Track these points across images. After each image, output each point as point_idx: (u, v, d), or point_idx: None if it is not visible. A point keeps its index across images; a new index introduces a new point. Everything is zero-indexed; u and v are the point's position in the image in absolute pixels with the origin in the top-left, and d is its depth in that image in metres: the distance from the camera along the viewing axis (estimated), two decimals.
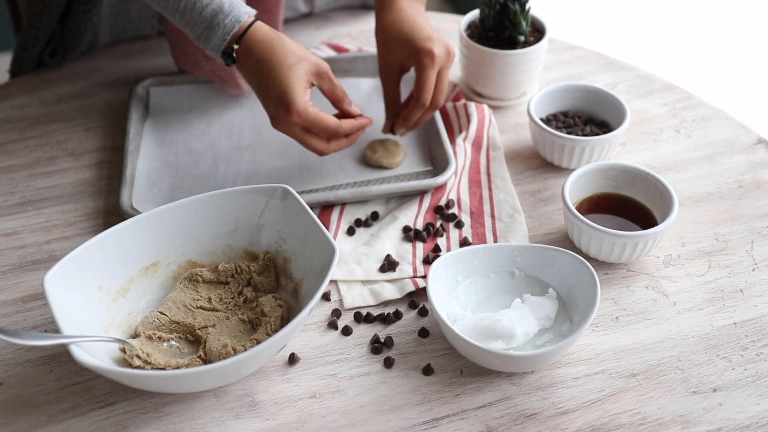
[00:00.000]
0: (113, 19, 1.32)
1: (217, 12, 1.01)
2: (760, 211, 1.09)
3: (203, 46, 1.03)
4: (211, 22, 1.01)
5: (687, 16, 2.75)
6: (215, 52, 1.02)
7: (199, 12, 1.01)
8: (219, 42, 1.01)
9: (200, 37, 1.02)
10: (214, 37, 1.01)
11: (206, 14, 1.01)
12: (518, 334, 0.89)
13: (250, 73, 1.02)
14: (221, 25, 1.00)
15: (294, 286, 0.96)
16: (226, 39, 1.01)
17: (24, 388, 0.90)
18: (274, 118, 1.03)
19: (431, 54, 1.06)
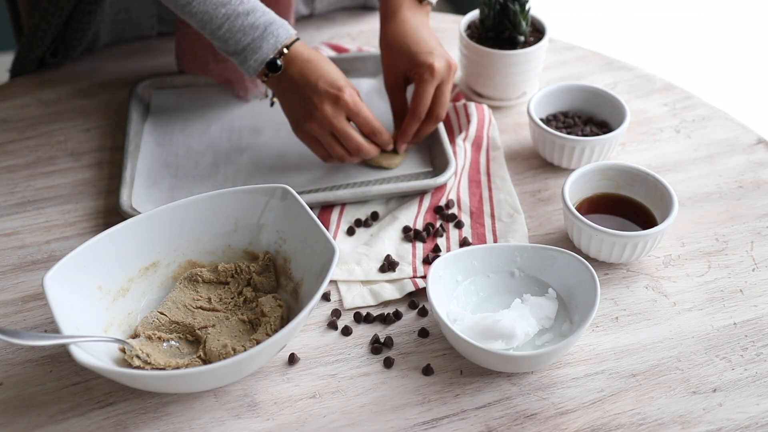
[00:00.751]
0: (113, 18, 1.32)
1: (270, 23, 1.05)
2: (760, 211, 1.09)
3: (246, 55, 1.05)
4: (264, 30, 1.04)
5: (687, 16, 2.74)
6: (258, 61, 1.05)
7: (251, 23, 1.04)
8: (270, 49, 1.04)
9: (246, 47, 1.04)
10: (266, 45, 1.04)
11: (259, 24, 1.04)
12: (518, 334, 0.89)
13: (293, 75, 1.05)
14: (275, 34, 1.04)
15: (294, 286, 0.96)
16: (278, 47, 1.04)
17: (24, 388, 0.90)
18: (310, 115, 1.05)
19: (431, 68, 1.07)
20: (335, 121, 1.05)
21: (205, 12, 1.04)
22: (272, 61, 1.05)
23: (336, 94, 1.04)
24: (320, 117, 1.04)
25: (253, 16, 1.04)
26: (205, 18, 1.04)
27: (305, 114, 1.05)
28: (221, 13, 1.04)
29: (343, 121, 1.05)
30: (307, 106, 1.05)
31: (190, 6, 1.04)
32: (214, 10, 1.04)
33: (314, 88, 1.04)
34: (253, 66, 1.05)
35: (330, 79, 1.05)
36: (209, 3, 1.03)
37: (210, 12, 1.04)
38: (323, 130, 1.05)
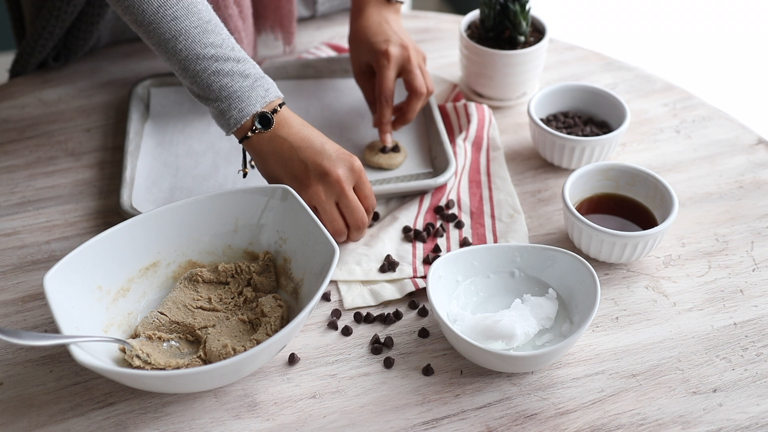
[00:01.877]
0: (115, 23, 1.33)
1: (262, 76, 0.99)
2: (760, 211, 1.09)
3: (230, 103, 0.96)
4: (255, 81, 0.97)
5: (687, 16, 2.75)
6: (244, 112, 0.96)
7: (241, 71, 0.97)
8: (260, 100, 0.97)
9: (232, 94, 0.96)
10: (255, 95, 0.97)
11: (250, 73, 0.97)
12: (518, 334, 0.89)
13: (291, 136, 0.97)
14: (266, 87, 0.98)
15: (294, 286, 0.96)
16: (268, 100, 0.97)
17: (24, 388, 0.90)
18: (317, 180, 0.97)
19: (386, 53, 1.11)
20: (347, 188, 0.98)
21: (190, 50, 0.96)
22: (263, 114, 0.97)
23: (348, 159, 0.98)
24: (333, 182, 0.97)
25: (244, 65, 0.97)
26: (191, 56, 0.96)
27: (310, 179, 0.97)
28: (209, 53, 0.96)
29: (351, 189, 0.99)
30: (314, 170, 0.97)
31: (175, 42, 0.96)
32: (202, 49, 0.96)
33: (321, 151, 0.97)
34: (236, 116, 0.96)
35: (336, 145, 0.99)
36: (198, 42, 0.96)
37: (197, 51, 0.96)
38: (329, 197, 0.98)
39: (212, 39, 0.97)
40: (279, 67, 1.28)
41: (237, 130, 0.98)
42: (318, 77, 1.28)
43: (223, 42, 0.97)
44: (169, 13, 0.96)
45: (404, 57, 1.12)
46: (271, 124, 0.97)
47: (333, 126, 1.21)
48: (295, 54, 1.35)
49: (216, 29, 0.98)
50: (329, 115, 1.23)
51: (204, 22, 0.97)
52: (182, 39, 0.96)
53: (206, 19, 0.97)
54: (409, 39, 1.14)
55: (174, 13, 0.96)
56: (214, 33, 0.97)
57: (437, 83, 1.29)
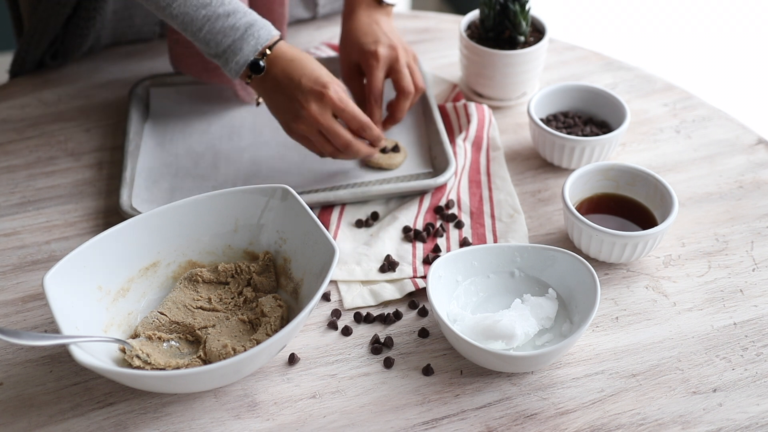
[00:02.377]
0: (116, 24, 1.33)
1: (251, 24, 1.04)
2: (760, 211, 1.09)
3: (227, 57, 1.04)
4: (245, 32, 1.03)
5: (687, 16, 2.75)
6: (240, 63, 1.04)
7: (231, 25, 1.03)
8: (251, 50, 1.03)
9: (227, 49, 1.03)
10: (246, 46, 1.03)
11: (239, 25, 1.03)
12: (518, 334, 0.89)
13: (277, 75, 1.04)
14: (255, 35, 1.03)
15: (294, 286, 0.96)
16: (258, 47, 1.04)
17: (24, 388, 0.90)
18: (297, 114, 1.04)
19: (375, 54, 1.13)
20: (321, 118, 1.04)
21: (185, 14, 1.03)
22: (254, 62, 1.04)
23: (320, 91, 1.03)
24: (306, 116, 1.04)
25: (234, 17, 1.03)
26: (186, 20, 1.03)
27: (292, 114, 1.05)
28: (201, 14, 1.03)
29: (330, 119, 1.05)
30: (293, 105, 1.04)
31: (171, 8, 1.03)
32: (195, 11, 1.03)
33: (298, 86, 1.04)
34: (234, 68, 1.04)
35: (314, 76, 1.04)
36: (189, 4, 1.03)
37: (190, 14, 1.03)
38: (311, 128, 1.05)
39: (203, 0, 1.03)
40: None
41: (240, 77, 1.06)
42: None
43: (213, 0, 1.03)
44: None
45: (393, 57, 1.14)
46: (262, 70, 1.04)
47: None
48: None
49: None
50: None
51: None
52: (176, 5, 1.03)
53: None
54: (398, 39, 1.15)
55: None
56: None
57: (437, 83, 1.29)
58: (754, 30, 2.69)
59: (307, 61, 1.05)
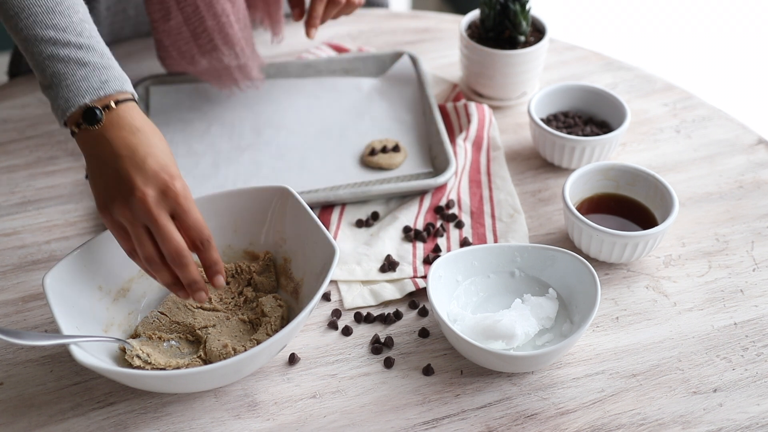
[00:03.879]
0: (111, 20, 1.32)
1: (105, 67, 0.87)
2: (760, 211, 1.09)
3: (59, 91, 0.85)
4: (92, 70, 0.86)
5: (687, 16, 2.75)
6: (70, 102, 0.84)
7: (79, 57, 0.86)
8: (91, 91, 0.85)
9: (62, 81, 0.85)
10: (85, 85, 0.85)
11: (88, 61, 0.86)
12: (518, 334, 0.89)
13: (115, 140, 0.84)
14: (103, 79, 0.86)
15: (294, 286, 0.96)
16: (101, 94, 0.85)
17: (24, 388, 0.90)
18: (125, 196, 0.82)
19: None
20: (155, 211, 0.82)
21: (30, 29, 0.86)
22: (90, 108, 0.84)
23: (165, 180, 0.83)
24: (137, 201, 0.82)
25: (87, 53, 0.86)
26: (29, 36, 0.86)
27: (118, 193, 0.83)
28: (48, 35, 0.86)
29: (165, 215, 0.83)
30: (123, 184, 0.83)
31: (17, 19, 0.86)
32: (42, 30, 0.86)
33: (140, 164, 0.83)
34: (62, 105, 0.84)
35: (163, 161, 0.84)
36: (38, 21, 0.86)
37: (36, 32, 0.86)
38: (136, 218, 0.83)
39: (57, 21, 0.86)
40: (279, 67, 1.28)
41: (66, 124, 0.86)
42: (318, 77, 1.28)
43: (68, 26, 0.86)
44: None
45: None
46: (98, 122, 0.84)
47: (333, 126, 1.21)
48: (295, 54, 1.35)
49: (66, 12, 0.87)
50: (329, 115, 1.23)
51: (54, 2, 0.87)
52: (24, 17, 0.86)
53: (57, 1, 0.87)
54: None
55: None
56: (61, 15, 0.87)
57: (437, 83, 1.29)
58: (754, 30, 2.69)
59: (157, 139, 0.86)
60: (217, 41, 1.15)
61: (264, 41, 1.37)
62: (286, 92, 1.25)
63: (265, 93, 1.25)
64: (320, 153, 1.17)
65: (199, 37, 1.15)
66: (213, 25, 1.14)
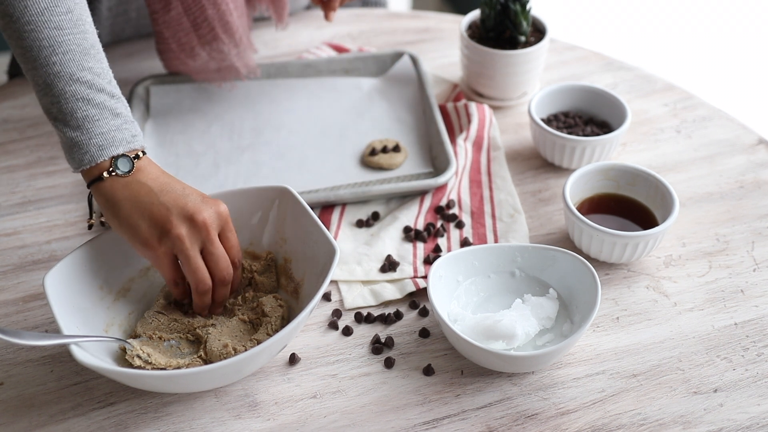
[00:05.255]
0: (112, 21, 1.32)
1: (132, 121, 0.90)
2: (760, 211, 1.09)
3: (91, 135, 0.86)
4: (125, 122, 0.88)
5: (687, 16, 2.75)
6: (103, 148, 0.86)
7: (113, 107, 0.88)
8: (125, 142, 0.87)
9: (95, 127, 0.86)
10: (120, 136, 0.87)
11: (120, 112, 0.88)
12: (519, 334, 0.89)
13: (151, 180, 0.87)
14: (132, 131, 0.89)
15: (294, 286, 0.96)
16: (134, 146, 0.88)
17: (25, 388, 0.90)
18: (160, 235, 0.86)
19: None
20: (213, 232, 0.88)
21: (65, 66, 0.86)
22: (124, 156, 0.87)
23: (216, 204, 0.89)
24: (199, 225, 0.86)
25: (119, 102, 0.88)
26: (63, 73, 0.86)
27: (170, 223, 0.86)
28: (85, 78, 0.86)
29: (218, 237, 0.88)
30: (176, 213, 0.86)
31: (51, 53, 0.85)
32: (79, 71, 0.86)
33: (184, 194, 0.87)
34: (93, 153, 0.86)
35: (197, 191, 0.89)
36: (75, 61, 0.86)
37: (72, 71, 0.86)
38: (194, 243, 0.87)
39: (92, 64, 0.87)
40: (279, 67, 1.28)
41: (89, 169, 0.87)
42: (318, 77, 1.28)
43: (102, 71, 0.88)
44: (54, 19, 0.86)
45: None
46: (131, 169, 0.87)
47: (333, 126, 1.21)
48: (295, 54, 1.35)
49: (98, 56, 0.89)
50: (329, 115, 1.23)
51: (89, 44, 0.88)
52: (60, 52, 0.86)
53: (91, 42, 0.88)
54: None
55: (59, 22, 0.86)
56: (95, 59, 0.88)
57: (438, 83, 1.29)
58: (754, 30, 2.69)
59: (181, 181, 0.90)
60: (218, 30, 1.15)
61: (264, 41, 1.37)
62: (286, 92, 1.25)
63: (265, 93, 1.25)
64: (320, 153, 1.17)
65: (199, 26, 1.15)
66: (213, 13, 1.14)
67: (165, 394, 0.89)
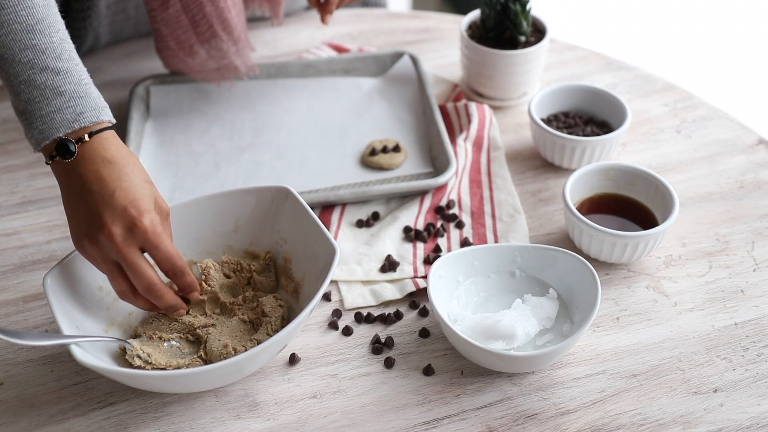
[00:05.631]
0: (111, 19, 1.32)
1: (82, 95, 0.84)
2: (760, 211, 1.09)
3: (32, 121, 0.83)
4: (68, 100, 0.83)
5: (687, 16, 2.75)
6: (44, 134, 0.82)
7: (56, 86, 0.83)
8: (64, 124, 0.83)
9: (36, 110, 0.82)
10: (60, 117, 0.82)
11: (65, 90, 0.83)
12: (519, 334, 0.89)
13: (86, 173, 0.83)
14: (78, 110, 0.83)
15: (295, 286, 0.96)
16: (75, 126, 0.83)
17: (25, 388, 0.90)
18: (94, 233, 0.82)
19: None
20: (125, 249, 0.82)
21: (6, 47, 0.82)
22: (62, 141, 0.82)
23: (133, 216, 0.82)
24: (105, 240, 0.82)
25: (64, 79, 0.83)
26: (5, 56, 0.83)
27: (88, 229, 0.83)
28: (26, 58, 0.82)
29: (135, 252, 0.83)
30: (93, 220, 0.82)
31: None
32: (19, 52, 0.82)
33: (108, 199, 0.82)
34: (36, 137, 0.83)
35: (132, 195, 0.82)
36: (16, 40, 0.82)
37: (13, 52, 0.82)
38: (106, 256, 0.83)
39: (36, 41, 0.83)
40: (279, 67, 1.28)
41: (42, 152, 0.85)
42: (318, 77, 1.28)
43: (48, 47, 0.83)
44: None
45: None
46: (71, 155, 0.83)
47: (333, 126, 1.21)
48: (295, 54, 1.35)
49: (46, 30, 0.84)
50: (329, 115, 1.23)
51: (34, 20, 0.83)
52: (2, 34, 0.83)
53: (39, 17, 0.84)
54: None
55: (1, 1, 0.83)
56: (41, 34, 0.83)
57: (438, 83, 1.29)
58: (754, 30, 2.69)
59: (132, 170, 0.84)
60: (216, 27, 1.15)
61: (264, 41, 1.37)
62: (286, 92, 1.25)
63: (265, 93, 1.25)
64: (320, 153, 1.17)
65: (198, 24, 1.15)
66: (212, 11, 1.14)
67: (165, 394, 0.89)
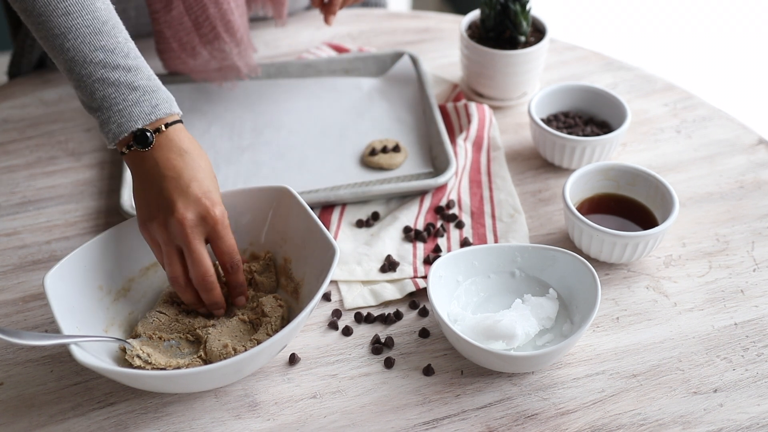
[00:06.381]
0: None
1: (153, 90, 0.89)
2: (760, 211, 1.09)
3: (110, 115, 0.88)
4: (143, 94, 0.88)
5: (687, 16, 2.75)
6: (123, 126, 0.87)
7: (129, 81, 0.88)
8: (142, 116, 0.87)
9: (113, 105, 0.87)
10: (137, 110, 0.87)
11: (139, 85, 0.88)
12: (519, 334, 0.89)
13: (161, 162, 0.87)
14: (153, 103, 0.88)
15: (294, 286, 0.96)
16: (152, 118, 0.88)
17: (24, 388, 0.90)
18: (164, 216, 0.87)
19: None
20: (191, 236, 0.86)
21: (77, 50, 0.87)
22: (142, 132, 0.87)
23: (207, 207, 0.87)
24: (176, 224, 0.86)
25: (136, 75, 0.88)
26: (77, 58, 0.87)
27: (159, 213, 0.87)
28: (98, 58, 0.87)
29: (200, 241, 0.87)
30: (165, 205, 0.86)
31: (63, 39, 0.87)
32: (91, 52, 0.87)
33: (184, 188, 0.87)
34: (114, 130, 0.87)
35: (206, 186, 0.88)
36: (86, 42, 0.87)
37: (85, 53, 0.87)
38: (171, 240, 0.87)
39: (105, 42, 0.88)
40: (279, 67, 1.28)
41: (117, 144, 0.89)
42: (318, 77, 1.28)
43: (116, 47, 0.88)
44: (61, 6, 0.87)
45: None
46: (149, 144, 0.88)
47: (333, 126, 1.21)
48: (295, 54, 1.35)
49: (112, 32, 0.89)
50: (329, 115, 1.23)
51: (100, 23, 0.88)
52: (71, 38, 0.87)
53: (103, 20, 0.89)
54: None
55: (67, 7, 0.87)
56: (108, 36, 0.88)
57: (438, 83, 1.29)
58: (754, 30, 2.69)
59: (203, 162, 0.90)
60: (219, 29, 1.15)
61: (265, 41, 1.37)
62: (286, 92, 1.25)
63: (265, 93, 1.25)
64: (320, 153, 1.17)
65: (201, 26, 1.15)
66: (215, 12, 1.14)
67: (165, 394, 0.89)
